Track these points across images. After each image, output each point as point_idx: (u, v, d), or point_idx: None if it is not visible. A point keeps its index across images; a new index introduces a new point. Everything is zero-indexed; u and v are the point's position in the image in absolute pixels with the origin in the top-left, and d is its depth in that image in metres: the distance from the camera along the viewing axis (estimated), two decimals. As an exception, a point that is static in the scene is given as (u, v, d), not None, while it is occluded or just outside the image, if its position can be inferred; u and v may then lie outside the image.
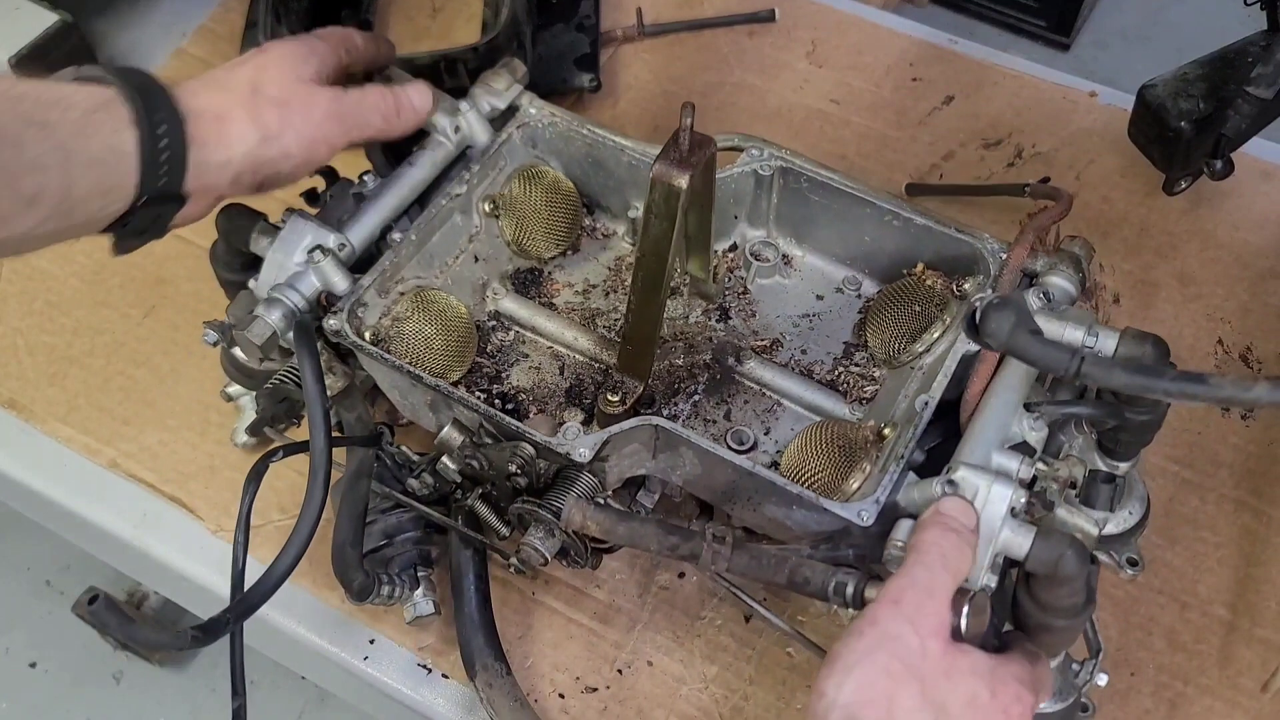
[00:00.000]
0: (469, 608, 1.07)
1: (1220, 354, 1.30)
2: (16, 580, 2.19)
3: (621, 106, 1.54)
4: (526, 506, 0.98)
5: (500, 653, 1.06)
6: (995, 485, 0.87)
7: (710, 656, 1.11)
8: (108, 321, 1.36)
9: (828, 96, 1.54)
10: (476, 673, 1.05)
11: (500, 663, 1.05)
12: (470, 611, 1.07)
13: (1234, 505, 1.19)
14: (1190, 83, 1.26)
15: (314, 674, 1.27)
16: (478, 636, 1.06)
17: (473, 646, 1.06)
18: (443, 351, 1.08)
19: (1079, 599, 0.87)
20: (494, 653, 1.06)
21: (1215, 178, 1.29)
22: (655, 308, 1.02)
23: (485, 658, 1.05)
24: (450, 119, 1.16)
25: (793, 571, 0.86)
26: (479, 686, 1.04)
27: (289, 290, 1.03)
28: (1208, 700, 1.08)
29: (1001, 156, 1.47)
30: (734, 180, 1.15)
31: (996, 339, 0.80)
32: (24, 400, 1.30)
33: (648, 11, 1.60)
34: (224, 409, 1.26)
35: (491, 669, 1.05)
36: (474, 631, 1.06)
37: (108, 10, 1.65)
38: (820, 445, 1.00)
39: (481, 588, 1.08)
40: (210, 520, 1.21)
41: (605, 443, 0.97)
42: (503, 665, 1.05)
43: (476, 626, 1.06)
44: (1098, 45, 3.02)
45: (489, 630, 1.07)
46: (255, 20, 1.58)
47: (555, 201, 1.18)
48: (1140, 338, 0.95)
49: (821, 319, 1.16)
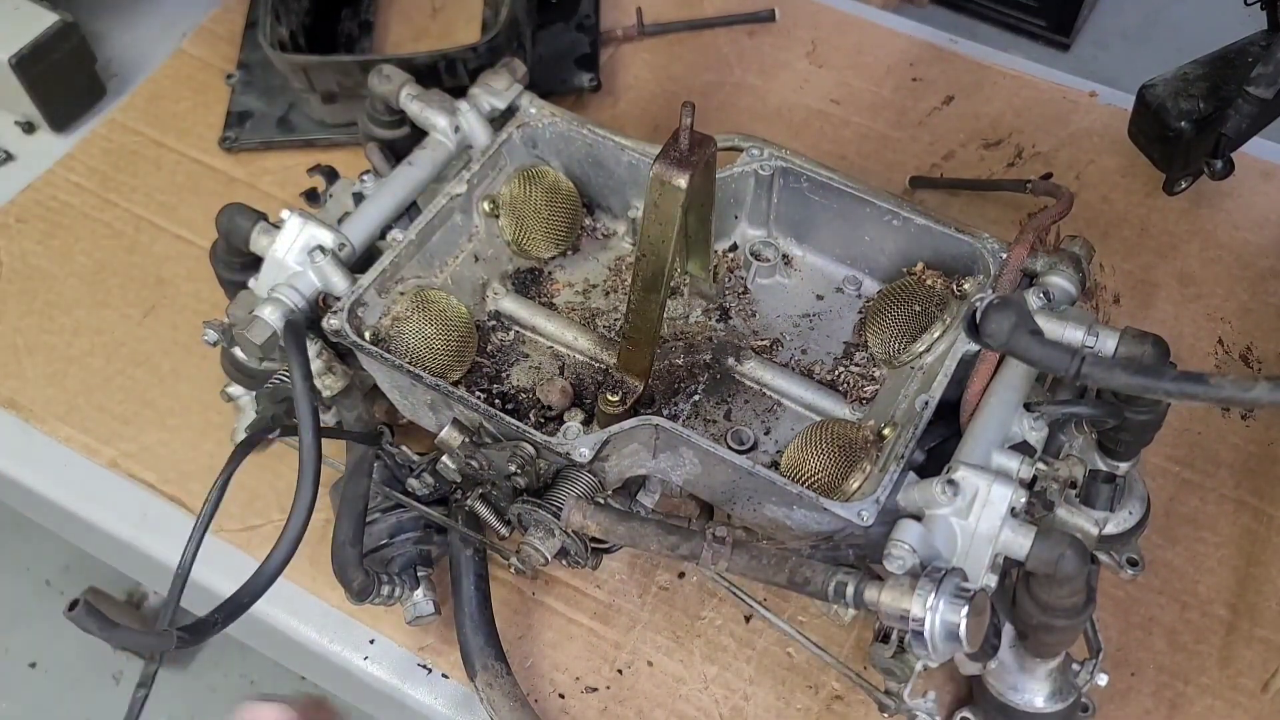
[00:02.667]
0: (469, 608, 1.07)
1: (1220, 354, 1.30)
2: (16, 580, 2.19)
3: (621, 106, 1.54)
4: (526, 506, 0.98)
5: (500, 653, 1.06)
6: (995, 485, 0.87)
7: (710, 656, 1.11)
8: (108, 321, 1.36)
9: (828, 96, 1.54)
10: (476, 672, 1.04)
11: (500, 663, 1.05)
12: (470, 612, 1.07)
13: (1234, 505, 1.19)
14: (1190, 83, 1.26)
15: (314, 674, 1.27)
16: (478, 636, 1.06)
17: (472, 646, 1.05)
18: (443, 351, 1.08)
19: (1079, 599, 0.87)
20: (494, 652, 1.06)
21: (1215, 178, 1.29)
22: (655, 308, 1.02)
23: (485, 658, 1.05)
24: (450, 119, 1.17)
25: (793, 571, 0.86)
26: (479, 686, 1.04)
27: (289, 290, 1.03)
28: (1208, 700, 1.08)
29: (1001, 156, 1.47)
30: (734, 180, 1.15)
31: (996, 339, 0.80)
32: (24, 400, 1.30)
33: (648, 11, 1.60)
34: (224, 409, 1.26)
35: (491, 669, 1.04)
36: (474, 631, 1.06)
37: (108, 10, 1.66)
38: (820, 445, 1.00)
39: (482, 587, 1.08)
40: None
41: (605, 443, 0.97)
42: (503, 665, 1.05)
43: (477, 626, 1.06)
44: (1098, 45, 3.02)
45: (489, 630, 1.07)
46: (255, 20, 1.58)
47: (555, 201, 1.18)
48: (1140, 338, 0.95)
49: (821, 319, 1.16)
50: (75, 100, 1.53)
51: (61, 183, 1.48)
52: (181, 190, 1.47)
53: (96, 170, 1.49)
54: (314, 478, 0.93)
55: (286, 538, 0.91)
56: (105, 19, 1.65)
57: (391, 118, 1.22)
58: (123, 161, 1.50)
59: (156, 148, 1.51)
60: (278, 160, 1.49)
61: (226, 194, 1.45)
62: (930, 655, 0.82)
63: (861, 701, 1.08)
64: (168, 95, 1.57)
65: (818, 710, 1.08)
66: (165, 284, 1.39)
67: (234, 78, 1.56)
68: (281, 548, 0.91)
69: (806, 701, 1.08)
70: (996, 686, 0.99)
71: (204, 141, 1.51)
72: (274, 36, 1.45)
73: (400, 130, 1.22)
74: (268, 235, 1.08)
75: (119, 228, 1.44)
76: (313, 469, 0.93)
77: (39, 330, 1.35)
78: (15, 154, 1.52)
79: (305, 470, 0.93)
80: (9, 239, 1.43)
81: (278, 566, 0.91)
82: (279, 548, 0.91)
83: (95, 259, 1.41)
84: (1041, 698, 0.98)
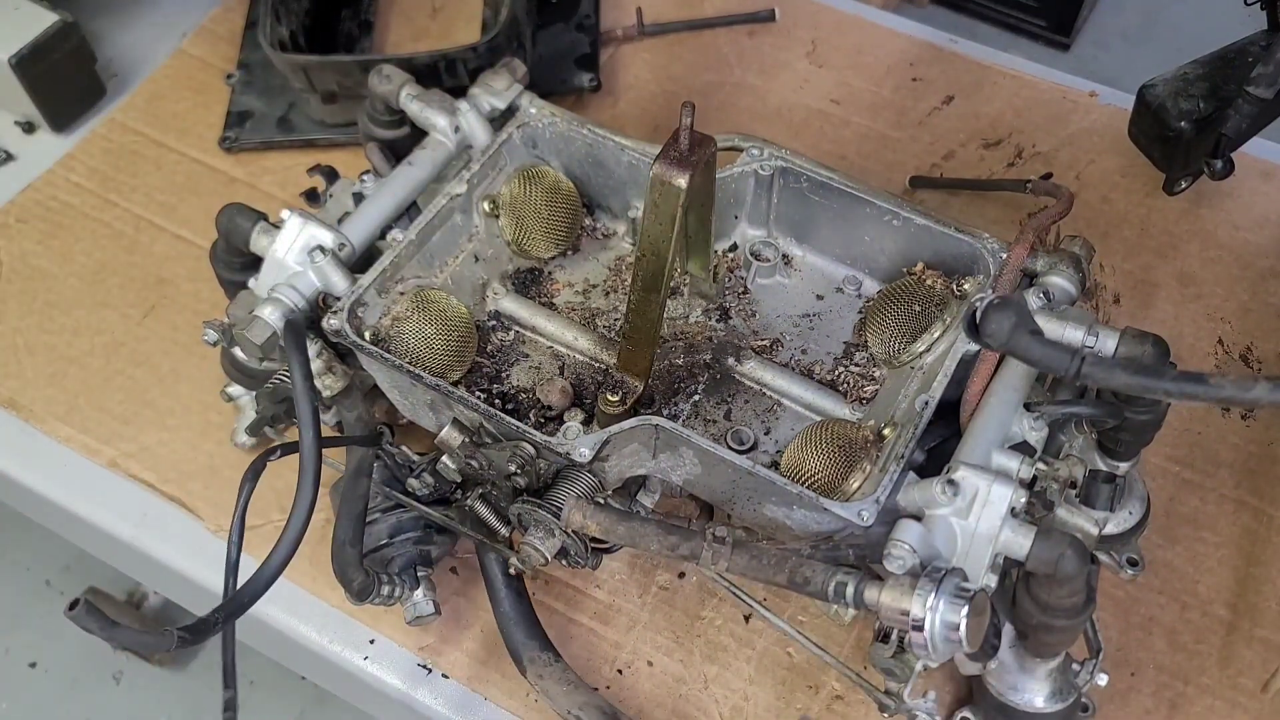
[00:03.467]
0: (506, 606, 1.07)
1: (1220, 354, 1.30)
2: (16, 580, 2.19)
3: (621, 106, 1.54)
4: (526, 506, 0.98)
5: (546, 642, 1.06)
6: (995, 485, 0.87)
7: (710, 656, 1.11)
8: (108, 321, 1.36)
9: (828, 96, 1.54)
10: (526, 668, 1.04)
11: (548, 652, 1.05)
12: (507, 609, 1.07)
13: (1234, 505, 1.19)
14: (1190, 83, 1.26)
15: (314, 674, 1.27)
16: (519, 632, 1.06)
17: (517, 643, 1.05)
18: (443, 351, 1.08)
19: (1079, 599, 0.87)
20: (539, 644, 1.05)
21: (1215, 178, 1.29)
22: (655, 308, 1.02)
23: (531, 650, 1.05)
24: (450, 119, 1.17)
25: (793, 571, 0.86)
26: (531, 680, 1.04)
27: (289, 290, 1.03)
28: (1208, 700, 1.08)
29: (1002, 156, 1.47)
30: (734, 180, 1.15)
31: (996, 339, 0.80)
32: (24, 400, 1.30)
33: (648, 11, 1.60)
34: (224, 409, 1.26)
35: (540, 660, 1.04)
36: (515, 628, 1.06)
37: (108, 10, 1.66)
38: (820, 445, 1.00)
39: (513, 584, 1.08)
40: (210, 520, 1.21)
41: (605, 443, 0.97)
42: (551, 654, 1.05)
43: (516, 622, 1.06)
44: (1098, 45, 3.02)
45: (530, 623, 1.07)
46: (255, 20, 1.58)
47: (555, 201, 1.18)
48: (1140, 338, 0.95)
49: (821, 319, 1.16)
50: (75, 100, 1.53)
51: (61, 183, 1.48)
52: (181, 190, 1.47)
53: (96, 170, 1.49)
54: (314, 478, 0.93)
55: (287, 538, 0.91)
56: (105, 19, 1.65)
57: (391, 118, 1.22)
58: (123, 161, 1.50)
59: (156, 148, 1.51)
60: (278, 160, 1.49)
61: (226, 194, 1.45)
62: (930, 655, 0.82)
63: (861, 701, 1.08)
64: (168, 95, 1.57)
65: (818, 710, 1.08)
66: (165, 284, 1.39)
67: (234, 78, 1.56)
68: (282, 548, 0.91)
69: (806, 701, 1.08)
70: (996, 686, 0.99)
71: (204, 141, 1.51)
72: (274, 36, 1.45)
73: (400, 130, 1.22)
74: (268, 235, 1.08)
75: (119, 228, 1.44)
76: (313, 470, 0.93)
77: (39, 330, 1.35)
78: (15, 154, 1.52)
79: (305, 471, 0.93)
80: (9, 239, 1.43)
81: (278, 567, 0.91)
82: (279, 548, 0.91)
83: (95, 259, 1.41)
84: (1041, 698, 0.98)
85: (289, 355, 0.98)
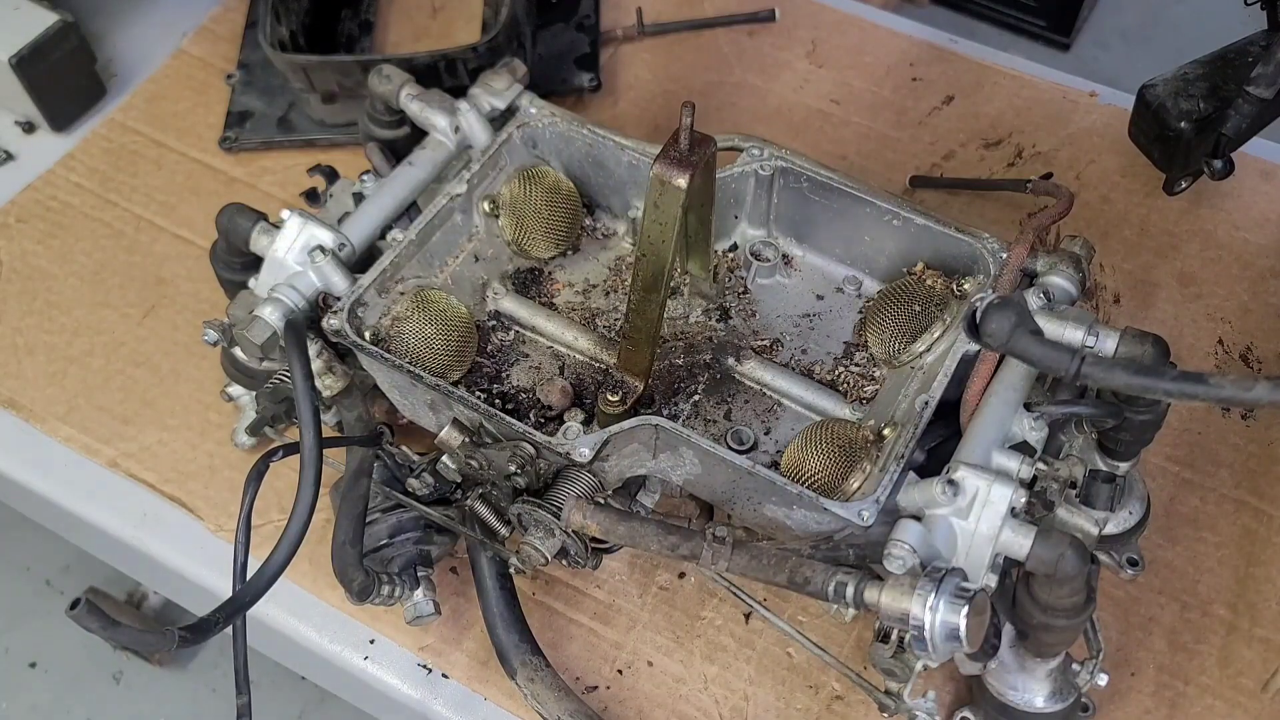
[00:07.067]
0: (497, 608, 1.06)
1: (1220, 354, 1.30)
2: (16, 580, 2.18)
3: (621, 106, 1.54)
4: (526, 506, 0.98)
5: (536, 647, 1.06)
6: (995, 485, 0.87)
7: (710, 656, 1.11)
8: (108, 321, 1.36)
9: (828, 96, 1.54)
10: (515, 671, 1.04)
11: (538, 657, 1.05)
12: (499, 612, 1.06)
13: (1234, 505, 1.19)
14: (1190, 83, 1.26)
15: (314, 674, 1.27)
16: (510, 635, 1.06)
17: (507, 646, 1.05)
18: (443, 351, 1.08)
19: (1079, 599, 0.87)
20: (530, 648, 1.05)
21: (1215, 178, 1.29)
22: (655, 308, 1.02)
23: (522, 654, 1.05)
24: (450, 119, 1.17)
25: (793, 571, 0.86)
26: (521, 684, 1.04)
27: (289, 290, 1.03)
28: (1208, 700, 1.08)
29: (1002, 156, 1.47)
30: (734, 180, 1.15)
31: (996, 339, 0.80)
32: (24, 400, 1.30)
33: (648, 11, 1.60)
34: (224, 409, 1.26)
35: (530, 664, 1.04)
36: (506, 631, 1.06)
37: (108, 10, 1.66)
38: (820, 445, 1.00)
39: (506, 586, 1.08)
40: (210, 520, 1.21)
41: (605, 443, 0.97)
42: (540, 659, 1.05)
43: (508, 625, 1.06)
44: (1098, 45, 3.01)
45: (520, 628, 1.06)
46: (255, 20, 1.58)
47: (555, 201, 1.18)
48: (1140, 338, 0.95)
49: (821, 319, 1.16)
50: (75, 100, 1.53)
51: (61, 183, 1.48)
52: (181, 190, 1.47)
53: (96, 170, 1.49)
54: (315, 479, 0.93)
55: (287, 538, 0.91)
56: (105, 19, 1.65)
57: (391, 118, 1.22)
58: (123, 161, 1.50)
59: (156, 148, 1.51)
60: (278, 160, 1.49)
61: (226, 194, 1.45)
62: (930, 655, 0.82)
63: (861, 701, 1.08)
64: (168, 95, 1.57)
65: (818, 710, 1.08)
66: (165, 284, 1.39)
67: (234, 78, 1.56)
68: (282, 548, 0.91)
69: (806, 701, 1.08)
70: (996, 686, 0.99)
71: (204, 141, 1.51)
72: (274, 36, 1.45)
73: (400, 130, 1.22)
74: (268, 235, 1.08)
75: (119, 228, 1.44)
76: (314, 470, 0.93)
77: (39, 330, 1.35)
78: (15, 154, 1.52)
79: (306, 471, 0.93)
80: (9, 239, 1.43)
81: (278, 567, 0.91)
82: (279, 548, 0.91)
83: (95, 259, 1.41)
84: (1041, 698, 0.98)
85: (289, 355, 0.98)
